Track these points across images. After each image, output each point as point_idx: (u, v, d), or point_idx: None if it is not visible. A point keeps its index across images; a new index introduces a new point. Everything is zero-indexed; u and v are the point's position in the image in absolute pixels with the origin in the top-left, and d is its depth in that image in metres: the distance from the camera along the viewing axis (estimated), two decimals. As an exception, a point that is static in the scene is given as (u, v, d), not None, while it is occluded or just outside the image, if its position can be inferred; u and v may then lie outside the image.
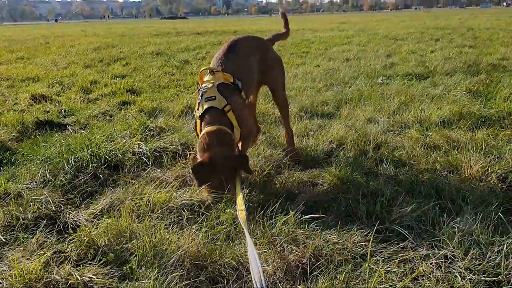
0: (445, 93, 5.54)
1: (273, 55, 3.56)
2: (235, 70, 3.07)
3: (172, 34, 23.17)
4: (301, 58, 10.21)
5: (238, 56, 3.18)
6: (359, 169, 3.17)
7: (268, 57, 3.46)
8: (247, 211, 2.41)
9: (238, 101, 2.99)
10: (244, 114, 3.01)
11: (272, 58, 3.52)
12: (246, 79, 3.15)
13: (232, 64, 3.11)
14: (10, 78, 8.10)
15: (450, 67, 7.61)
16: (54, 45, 16.38)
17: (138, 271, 2.06)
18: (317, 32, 20.71)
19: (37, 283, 1.96)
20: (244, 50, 3.26)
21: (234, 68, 3.08)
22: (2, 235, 2.39)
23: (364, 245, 2.22)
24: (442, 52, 9.95)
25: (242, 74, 3.11)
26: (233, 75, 3.03)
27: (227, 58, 3.15)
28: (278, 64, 3.57)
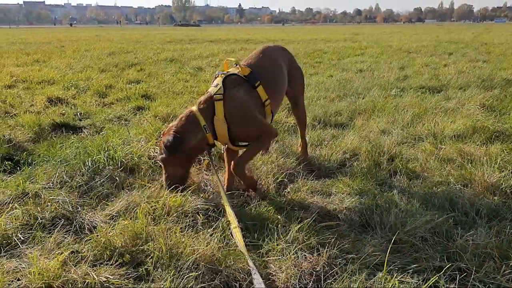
0: (458, 106, 5.53)
1: (297, 66, 3.61)
2: (260, 70, 3.08)
3: (185, 41, 23.36)
4: (314, 68, 10.25)
5: (267, 59, 3.26)
6: (373, 180, 3.19)
7: (292, 67, 3.51)
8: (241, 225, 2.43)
9: (236, 95, 2.92)
10: (240, 108, 2.92)
11: (296, 68, 3.57)
12: (272, 82, 3.15)
13: (258, 64, 3.16)
14: (27, 80, 8.21)
15: (463, 81, 7.60)
16: (69, 49, 16.58)
17: (154, 273, 2.09)
18: (330, 42, 20.77)
19: (55, 281, 1.99)
20: (274, 57, 3.34)
21: (259, 68, 3.11)
22: (20, 234, 2.43)
23: (378, 255, 2.23)
24: (455, 66, 9.93)
25: (267, 76, 3.11)
26: (264, 76, 3.04)
27: (256, 58, 3.24)
28: (301, 75, 3.63)
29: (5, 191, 2.94)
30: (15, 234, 2.43)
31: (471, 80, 7.69)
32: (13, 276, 2.06)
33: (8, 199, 2.82)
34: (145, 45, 19.51)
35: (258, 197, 2.97)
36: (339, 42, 20.69)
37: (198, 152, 3.07)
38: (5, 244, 2.35)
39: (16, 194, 2.89)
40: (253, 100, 2.98)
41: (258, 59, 3.22)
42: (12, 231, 2.44)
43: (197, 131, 2.88)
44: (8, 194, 2.89)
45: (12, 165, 3.64)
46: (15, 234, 2.43)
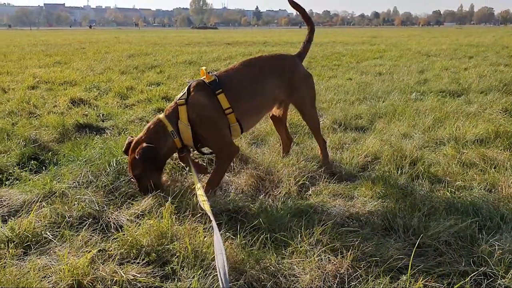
0: (480, 111, 5.48)
1: (300, 75, 3.46)
2: (230, 79, 3.14)
3: (203, 43, 23.52)
4: (332, 71, 10.24)
5: (246, 70, 3.26)
6: (395, 183, 3.18)
7: (294, 78, 3.41)
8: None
9: (197, 99, 3.01)
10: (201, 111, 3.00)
11: (300, 78, 3.45)
12: (241, 92, 3.17)
13: (233, 73, 3.21)
14: (49, 82, 8.36)
15: (485, 85, 7.52)
16: (90, 50, 16.83)
17: (180, 272, 2.13)
18: (348, 45, 20.71)
19: (85, 278, 2.04)
20: (257, 68, 3.31)
21: (231, 77, 3.16)
22: (49, 232, 2.49)
23: (402, 258, 2.24)
24: (476, 69, 9.83)
25: (237, 85, 3.15)
26: (231, 85, 3.10)
27: (234, 68, 3.27)
28: (306, 82, 3.49)
29: (33, 190, 3.01)
30: (44, 232, 2.49)
31: (492, 84, 7.60)
32: (43, 272, 2.12)
33: (36, 198, 2.89)
34: (163, 47, 19.70)
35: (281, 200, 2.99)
36: (357, 45, 20.63)
37: (168, 157, 3.18)
38: (35, 242, 2.41)
39: (43, 193, 2.95)
40: (212, 105, 3.04)
41: (235, 69, 3.26)
42: (41, 229, 2.51)
43: (166, 138, 3.00)
44: (36, 193, 2.95)
45: (38, 165, 3.73)
46: (44, 232, 2.49)
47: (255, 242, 2.36)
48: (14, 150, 3.96)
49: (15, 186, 3.21)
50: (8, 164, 3.63)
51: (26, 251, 2.35)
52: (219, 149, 3.14)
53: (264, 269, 2.17)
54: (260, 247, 2.34)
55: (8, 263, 2.18)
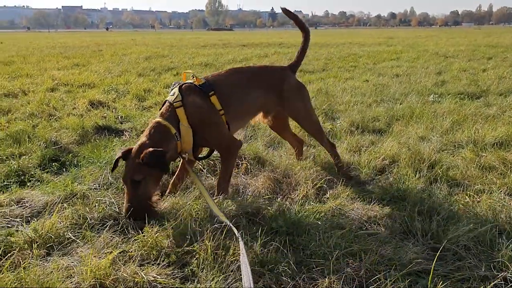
0: (499, 113, 5.42)
1: (290, 87, 3.44)
2: (219, 83, 3.16)
3: (219, 45, 23.61)
4: (348, 72, 10.21)
5: (235, 77, 3.32)
6: (413, 187, 3.17)
7: (284, 90, 3.41)
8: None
9: (193, 100, 3.01)
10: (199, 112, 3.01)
11: (290, 90, 3.43)
12: (231, 98, 3.19)
13: (221, 78, 3.25)
14: (68, 84, 8.48)
15: (504, 87, 7.43)
16: (107, 53, 17.02)
17: (200, 274, 2.15)
18: (364, 46, 20.61)
19: (107, 279, 2.08)
20: (247, 77, 3.36)
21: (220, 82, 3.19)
22: (71, 233, 2.54)
23: (420, 262, 2.23)
24: (495, 71, 9.71)
25: (226, 90, 3.17)
26: (222, 88, 3.13)
27: (223, 73, 3.32)
28: (297, 93, 3.47)
29: (54, 192, 3.07)
30: (66, 233, 2.54)
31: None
32: (66, 273, 2.16)
33: (57, 199, 2.94)
34: (179, 49, 19.83)
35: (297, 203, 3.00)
36: (374, 46, 20.52)
37: (170, 162, 3.11)
38: (58, 243, 2.46)
39: (65, 194, 3.01)
40: (209, 106, 3.06)
41: (225, 74, 3.31)
42: (63, 230, 2.55)
43: (170, 141, 2.90)
44: (57, 194, 3.01)
45: (59, 166, 3.79)
46: (66, 233, 2.54)
47: (273, 244, 2.38)
48: (35, 152, 4.04)
49: (37, 187, 3.27)
50: (30, 165, 3.70)
51: (49, 252, 2.40)
52: (223, 146, 3.13)
53: (283, 272, 2.18)
54: (278, 249, 2.36)
55: (32, 263, 2.23)
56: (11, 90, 7.58)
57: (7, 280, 2.04)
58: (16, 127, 4.74)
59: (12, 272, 2.15)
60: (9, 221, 2.71)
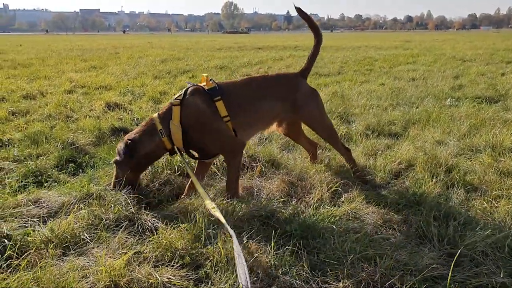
0: (518, 118, 5.34)
1: (304, 93, 3.42)
2: (230, 91, 3.18)
3: (234, 48, 23.69)
4: (364, 76, 10.15)
5: (249, 86, 3.31)
6: (429, 191, 3.13)
7: (297, 97, 3.38)
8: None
9: (193, 102, 3.06)
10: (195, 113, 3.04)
11: (303, 96, 3.41)
12: (241, 105, 3.19)
13: (235, 86, 3.27)
14: (85, 86, 8.58)
15: (523, 91, 7.31)
16: (124, 55, 17.18)
17: (213, 276, 2.15)
18: (381, 50, 20.49)
19: (121, 279, 2.09)
20: (261, 86, 3.34)
21: (232, 89, 3.21)
22: (86, 233, 2.56)
23: (437, 267, 2.20)
24: (514, 75, 9.57)
25: (237, 98, 3.18)
26: (231, 95, 3.14)
27: (238, 82, 3.34)
28: (311, 99, 3.44)
29: (71, 192, 3.10)
30: (82, 233, 2.56)
31: (531, 90, 7.39)
32: (82, 273, 2.18)
33: (74, 199, 2.97)
34: (195, 52, 19.94)
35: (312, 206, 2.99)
36: (390, 50, 20.38)
37: (154, 157, 3.20)
38: (73, 243, 2.48)
39: (81, 195, 3.04)
40: (210, 110, 3.06)
41: (238, 82, 3.34)
42: (79, 231, 2.57)
43: (153, 136, 3.05)
44: (74, 195, 3.04)
45: (75, 167, 3.83)
46: (82, 233, 2.56)
47: (287, 248, 2.37)
48: (52, 153, 4.09)
49: (53, 188, 3.31)
50: (47, 166, 3.74)
51: (65, 252, 2.42)
52: (224, 147, 3.15)
53: (297, 275, 2.18)
54: (292, 253, 2.35)
55: (49, 262, 2.25)
56: (30, 91, 7.69)
57: (24, 279, 2.06)
58: (34, 128, 4.81)
59: (29, 271, 2.18)
60: (26, 220, 2.74)
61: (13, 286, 2.00)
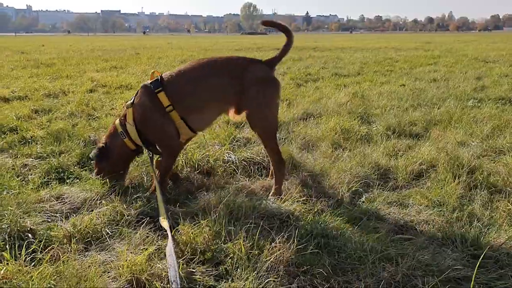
0: (543, 119, 5.23)
1: (253, 77, 3.16)
2: (178, 79, 3.16)
3: (253, 49, 23.72)
4: (385, 77, 10.06)
5: (192, 70, 3.21)
6: (452, 192, 3.09)
7: (244, 79, 3.14)
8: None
9: (138, 99, 3.16)
10: (140, 111, 3.13)
11: (251, 81, 3.14)
12: (183, 91, 3.15)
13: (180, 74, 3.20)
14: (106, 85, 8.67)
15: (548, 92, 7.16)
16: (144, 56, 17.34)
17: (234, 272, 2.16)
18: (401, 51, 20.29)
19: (142, 274, 2.11)
20: (205, 69, 3.20)
21: (178, 78, 3.17)
22: (108, 229, 2.59)
23: (460, 269, 2.17)
24: (538, 76, 9.38)
25: (178, 85, 3.15)
26: (173, 83, 3.13)
27: (181, 68, 3.27)
28: (258, 86, 3.15)
29: (93, 189, 3.14)
30: (103, 229, 2.59)
31: (556, 91, 7.23)
32: (103, 268, 2.20)
33: (96, 196, 3.01)
34: (214, 53, 20.03)
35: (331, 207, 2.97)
36: (410, 51, 20.17)
37: (123, 158, 3.32)
38: (95, 238, 2.51)
39: (103, 191, 3.08)
40: (152, 104, 3.11)
41: (182, 68, 3.26)
42: (101, 226, 2.61)
43: (116, 138, 3.24)
44: (95, 191, 3.08)
45: (97, 164, 3.87)
46: (104, 229, 2.59)
47: (308, 246, 2.36)
48: (74, 150, 4.14)
49: (75, 184, 3.35)
50: (69, 163, 3.79)
51: (87, 247, 2.45)
52: (161, 145, 3.24)
53: (317, 274, 2.17)
54: (313, 252, 2.34)
55: (71, 257, 2.28)
56: (52, 90, 7.82)
57: (47, 273, 2.09)
58: (56, 126, 4.88)
59: (51, 265, 2.21)
60: (49, 216, 2.79)
61: (37, 279, 2.03)
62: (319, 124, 5.15)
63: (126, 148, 3.24)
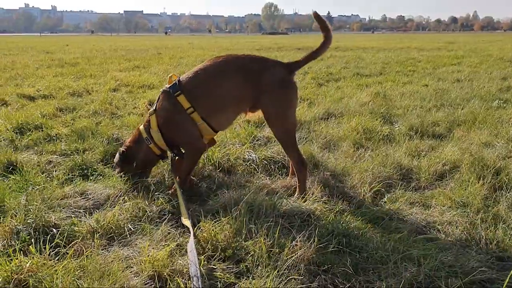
0: None
1: (269, 78, 3.10)
2: (195, 81, 3.16)
3: (273, 49, 23.70)
4: (407, 77, 9.94)
5: (205, 71, 3.18)
6: (476, 193, 3.03)
7: (262, 81, 3.10)
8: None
9: (160, 105, 3.22)
10: (164, 116, 3.18)
11: (268, 84, 3.10)
12: (200, 92, 3.14)
13: (192, 75, 3.20)
14: (129, 85, 8.77)
15: None
16: (166, 56, 17.48)
17: (254, 270, 2.16)
18: (423, 51, 20.02)
19: (164, 270, 2.13)
20: (220, 69, 3.16)
21: (195, 79, 3.17)
22: (130, 225, 2.63)
23: (484, 271, 2.13)
24: None
25: (195, 86, 3.15)
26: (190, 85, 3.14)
27: (196, 69, 3.24)
28: (275, 90, 3.11)
29: (115, 185, 3.18)
30: (126, 224, 2.62)
31: None
32: (126, 263, 2.24)
33: (119, 192, 3.05)
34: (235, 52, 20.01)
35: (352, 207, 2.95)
36: (433, 51, 19.89)
37: (148, 162, 3.38)
38: (118, 234, 2.55)
39: (125, 188, 3.12)
40: (173, 107, 3.14)
41: (198, 69, 3.22)
42: (124, 222, 2.64)
43: (141, 143, 3.29)
44: (118, 188, 3.13)
45: (120, 162, 3.92)
46: (126, 224, 2.62)
47: (329, 246, 2.35)
48: (98, 148, 4.19)
49: (99, 181, 3.40)
50: (93, 160, 3.85)
51: (110, 242, 2.49)
52: (186, 146, 3.27)
53: (338, 273, 2.16)
54: (334, 251, 2.33)
55: (94, 252, 2.32)
56: (76, 89, 7.96)
57: (71, 267, 2.13)
58: (80, 124, 4.96)
59: (75, 259, 2.25)
60: (73, 211, 2.83)
61: (61, 272, 2.07)
62: (341, 124, 5.12)
63: (151, 154, 3.29)
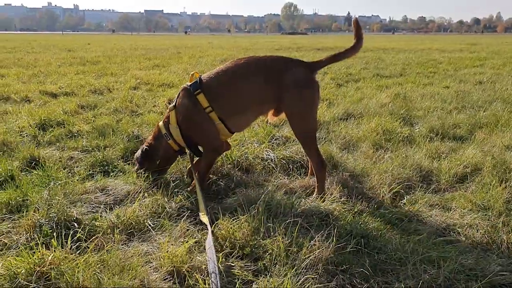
0: None
1: (290, 79, 3.06)
2: (216, 81, 3.16)
3: (293, 49, 23.68)
4: (428, 78, 9.83)
5: (227, 70, 3.17)
6: (497, 196, 2.99)
7: (283, 82, 3.06)
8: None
9: (180, 102, 3.21)
10: (183, 113, 3.18)
11: (290, 83, 3.06)
12: (220, 92, 3.14)
13: (213, 74, 3.20)
14: (149, 83, 8.85)
15: None
16: (185, 55, 17.59)
17: (272, 269, 2.17)
18: (445, 52, 19.77)
19: (182, 266, 2.15)
20: (241, 70, 3.15)
21: (216, 79, 3.17)
22: (150, 221, 2.66)
23: (506, 275, 2.10)
24: None
25: (215, 86, 3.14)
26: (211, 85, 3.14)
27: (218, 69, 3.24)
28: (295, 90, 3.07)
29: (136, 182, 3.23)
30: (145, 220, 2.65)
31: None
32: (145, 258, 2.26)
33: (139, 189, 3.09)
34: (254, 52, 20.08)
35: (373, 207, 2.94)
36: (455, 52, 19.62)
37: (168, 159, 3.41)
38: (137, 229, 2.58)
39: (145, 185, 3.16)
40: (192, 105, 3.14)
41: (220, 69, 3.22)
42: (143, 218, 2.68)
43: (161, 140, 3.32)
44: (139, 184, 3.16)
45: (140, 159, 3.96)
46: (146, 220, 2.66)
47: (347, 246, 2.34)
48: (118, 144, 4.25)
49: (119, 177, 3.45)
50: (113, 157, 3.90)
51: (130, 238, 2.53)
52: (204, 145, 3.28)
53: (357, 273, 2.15)
54: (352, 251, 2.32)
55: (114, 247, 2.35)
56: (97, 87, 8.06)
57: (91, 261, 2.16)
58: (101, 121, 5.03)
59: (96, 253, 2.28)
60: (94, 207, 2.88)
61: (82, 266, 2.11)
62: (360, 125, 5.09)
63: (170, 149, 3.31)
